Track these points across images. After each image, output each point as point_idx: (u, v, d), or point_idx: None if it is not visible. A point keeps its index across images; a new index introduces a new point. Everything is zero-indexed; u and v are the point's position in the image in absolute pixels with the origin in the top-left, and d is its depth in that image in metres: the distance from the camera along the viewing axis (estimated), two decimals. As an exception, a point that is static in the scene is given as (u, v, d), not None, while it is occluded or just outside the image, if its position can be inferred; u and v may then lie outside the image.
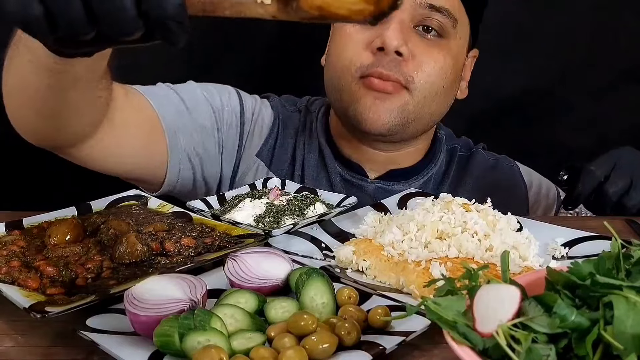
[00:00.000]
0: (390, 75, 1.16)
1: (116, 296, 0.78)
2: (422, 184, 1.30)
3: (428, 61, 1.18)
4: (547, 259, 0.95)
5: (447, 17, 1.17)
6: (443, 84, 1.21)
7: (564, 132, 1.76)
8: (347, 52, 1.19)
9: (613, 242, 0.64)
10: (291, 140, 1.34)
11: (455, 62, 1.22)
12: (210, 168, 1.30)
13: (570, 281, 0.60)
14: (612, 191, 1.06)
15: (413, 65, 1.17)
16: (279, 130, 1.34)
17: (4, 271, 0.86)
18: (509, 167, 1.38)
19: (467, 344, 0.57)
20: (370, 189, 1.28)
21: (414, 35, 1.17)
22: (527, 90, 1.73)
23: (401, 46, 1.14)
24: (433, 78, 1.19)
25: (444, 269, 0.85)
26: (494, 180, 1.33)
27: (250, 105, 1.35)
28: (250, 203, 1.07)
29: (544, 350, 0.54)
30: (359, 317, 0.74)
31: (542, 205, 1.35)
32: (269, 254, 0.86)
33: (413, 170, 1.30)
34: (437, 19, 1.17)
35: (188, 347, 0.67)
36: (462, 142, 1.39)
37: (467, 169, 1.34)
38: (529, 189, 1.35)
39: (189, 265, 0.87)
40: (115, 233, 0.96)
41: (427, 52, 1.18)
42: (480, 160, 1.36)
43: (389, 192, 1.24)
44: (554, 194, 1.37)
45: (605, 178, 1.07)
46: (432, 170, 1.32)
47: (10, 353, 0.74)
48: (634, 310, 0.54)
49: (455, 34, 1.20)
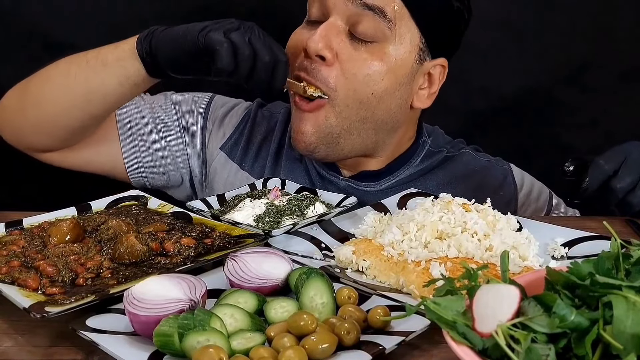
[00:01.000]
0: (310, 79, 1.14)
1: (116, 296, 0.78)
2: (395, 183, 1.29)
3: (353, 67, 1.13)
4: (547, 259, 0.95)
5: (382, 18, 1.12)
6: (371, 91, 1.14)
7: (564, 132, 1.76)
8: (290, 52, 1.18)
9: (612, 242, 0.64)
10: (265, 137, 1.36)
11: (393, 68, 1.15)
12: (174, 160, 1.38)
13: (569, 281, 0.60)
14: (619, 187, 1.03)
15: (335, 71, 1.13)
16: (248, 129, 1.37)
17: (4, 271, 0.86)
18: (501, 168, 1.36)
19: (467, 343, 0.57)
20: (342, 185, 1.29)
21: (344, 40, 1.14)
22: (527, 90, 1.73)
23: (321, 50, 1.11)
24: (356, 85, 1.14)
25: (444, 269, 0.85)
26: (481, 180, 1.32)
27: (218, 104, 1.41)
28: (250, 203, 1.07)
29: (544, 350, 0.54)
30: (358, 317, 0.74)
31: (531, 207, 1.34)
32: (268, 254, 0.86)
33: (385, 172, 1.29)
34: (370, 21, 1.12)
35: (188, 347, 0.67)
36: (452, 144, 1.37)
37: (453, 168, 1.33)
38: (519, 190, 1.34)
39: (189, 265, 0.87)
40: (115, 233, 0.96)
41: (354, 57, 1.13)
42: (468, 160, 1.34)
43: (359, 191, 1.26)
44: (545, 199, 1.35)
45: (614, 173, 1.04)
46: (405, 172, 1.30)
47: (10, 353, 0.74)
48: (633, 310, 0.54)
49: (392, 38, 1.14)
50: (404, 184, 1.29)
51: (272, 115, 1.39)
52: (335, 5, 1.13)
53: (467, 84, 1.72)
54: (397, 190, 1.23)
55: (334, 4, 1.13)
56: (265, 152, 1.35)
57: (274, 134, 1.36)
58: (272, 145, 1.34)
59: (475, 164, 1.34)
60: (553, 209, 1.35)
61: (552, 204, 1.35)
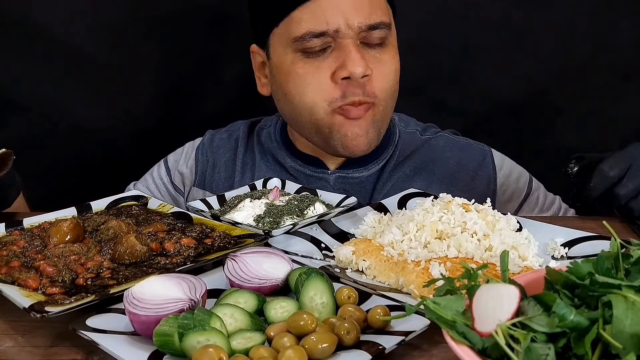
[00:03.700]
0: (362, 99, 1.19)
1: (116, 296, 0.78)
2: (381, 167, 1.33)
3: (383, 72, 1.21)
4: (547, 259, 0.95)
5: (385, 27, 1.20)
6: (398, 78, 1.26)
7: (564, 133, 1.76)
8: (310, 90, 1.20)
9: (612, 241, 0.64)
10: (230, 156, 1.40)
11: (397, 53, 1.26)
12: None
13: (569, 281, 0.60)
14: (623, 194, 1.04)
15: (374, 81, 1.20)
16: (208, 156, 1.42)
17: (4, 271, 0.86)
18: (480, 149, 1.39)
19: (466, 343, 0.57)
20: (332, 179, 1.31)
21: (366, 52, 1.20)
22: (527, 90, 1.73)
23: (366, 70, 1.17)
24: (391, 82, 1.23)
25: (444, 268, 0.85)
26: (460, 160, 1.36)
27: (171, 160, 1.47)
28: (250, 203, 1.07)
29: (543, 349, 0.54)
30: (358, 317, 0.74)
31: (510, 188, 1.36)
32: (268, 254, 0.86)
33: (370, 156, 1.32)
34: (378, 35, 1.20)
35: (187, 346, 0.67)
36: (424, 127, 1.43)
37: (433, 150, 1.37)
38: (498, 170, 1.37)
39: (189, 265, 0.87)
40: (115, 233, 0.96)
41: (380, 63, 1.21)
42: (446, 142, 1.39)
43: (349, 179, 1.31)
44: (525, 181, 1.38)
45: (618, 180, 1.05)
46: (388, 153, 1.35)
47: (10, 353, 0.74)
48: (632, 309, 0.54)
49: (391, 33, 1.24)
50: (387, 165, 1.33)
51: (231, 135, 1.44)
52: (348, 34, 1.17)
53: (467, 84, 1.72)
54: (384, 173, 1.31)
55: (346, 33, 1.17)
56: (232, 169, 1.39)
57: (238, 149, 1.40)
58: (238, 160, 1.38)
59: (454, 145, 1.39)
60: (533, 191, 1.37)
61: (531, 186, 1.38)
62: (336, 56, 1.18)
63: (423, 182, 1.30)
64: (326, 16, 1.16)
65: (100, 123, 1.71)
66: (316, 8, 1.17)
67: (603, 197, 1.06)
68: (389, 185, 1.30)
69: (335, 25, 1.16)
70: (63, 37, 1.64)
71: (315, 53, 1.19)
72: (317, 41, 1.17)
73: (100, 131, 1.72)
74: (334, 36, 1.17)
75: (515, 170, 1.39)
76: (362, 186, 1.30)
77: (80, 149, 1.73)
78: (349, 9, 1.16)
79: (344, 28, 1.16)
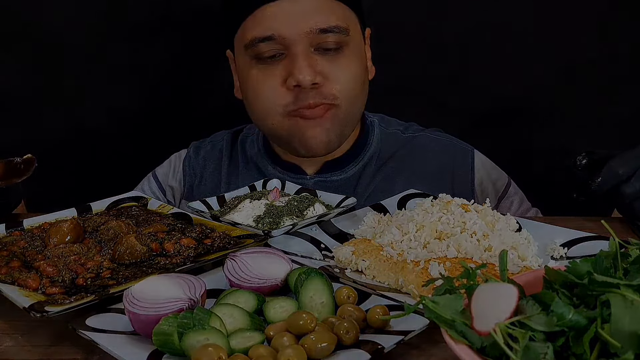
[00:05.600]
0: (317, 102, 1.20)
1: (116, 296, 0.78)
2: (360, 168, 1.35)
3: (340, 74, 1.22)
4: (546, 259, 0.95)
5: (340, 32, 1.21)
6: (360, 81, 1.27)
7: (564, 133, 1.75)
8: (264, 96, 1.23)
9: (611, 241, 0.64)
10: (215, 166, 1.42)
11: (360, 58, 1.27)
12: None
13: (568, 280, 0.60)
14: (628, 192, 1.03)
15: (330, 85, 1.21)
16: (193, 167, 1.44)
17: (4, 271, 0.86)
18: (462, 148, 1.41)
19: (465, 342, 0.57)
20: (310, 184, 1.33)
21: (319, 58, 1.21)
22: (527, 90, 1.72)
23: (314, 78, 1.18)
24: (351, 84, 1.24)
25: (443, 268, 0.85)
26: (440, 160, 1.37)
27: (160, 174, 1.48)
28: (250, 204, 1.07)
29: (542, 348, 0.54)
30: (357, 317, 0.74)
31: (486, 190, 1.37)
32: (268, 254, 0.86)
33: (347, 158, 1.34)
34: (332, 39, 1.20)
35: (187, 346, 0.67)
36: (406, 126, 1.44)
37: (415, 149, 1.38)
38: (476, 171, 1.38)
39: (189, 265, 0.87)
40: (115, 234, 0.96)
41: (336, 67, 1.22)
42: (429, 140, 1.40)
43: (327, 182, 1.32)
44: (502, 185, 1.39)
45: (627, 178, 1.03)
46: (367, 154, 1.36)
47: (10, 353, 0.75)
48: (631, 308, 0.54)
49: (351, 38, 1.24)
50: (367, 167, 1.35)
51: (214, 146, 1.46)
52: (296, 40, 1.18)
53: (467, 84, 1.72)
54: (365, 175, 1.33)
55: (294, 40, 1.18)
56: (218, 180, 1.40)
57: (223, 160, 1.42)
58: (223, 170, 1.40)
59: (436, 144, 1.40)
60: (508, 196, 1.38)
61: (508, 191, 1.39)
62: (286, 64, 1.20)
63: (404, 183, 1.31)
64: (270, 22, 1.19)
65: (101, 123, 1.72)
66: (263, 15, 1.19)
67: (608, 194, 1.05)
68: (371, 187, 1.32)
69: (279, 31, 1.18)
70: (63, 37, 1.64)
71: (267, 60, 1.21)
72: (264, 46, 1.20)
73: (100, 132, 1.72)
74: (282, 43, 1.19)
75: (494, 173, 1.40)
76: (341, 189, 1.31)
77: (80, 149, 1.73)
78: (296, 15, 1.18)
79: (290, 34, 1.18)
